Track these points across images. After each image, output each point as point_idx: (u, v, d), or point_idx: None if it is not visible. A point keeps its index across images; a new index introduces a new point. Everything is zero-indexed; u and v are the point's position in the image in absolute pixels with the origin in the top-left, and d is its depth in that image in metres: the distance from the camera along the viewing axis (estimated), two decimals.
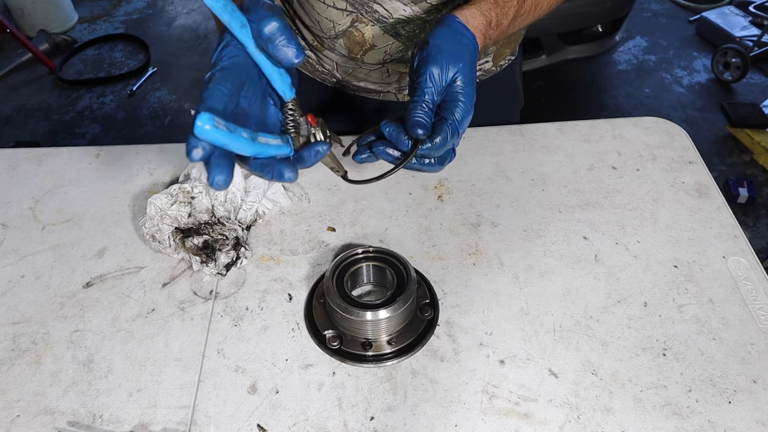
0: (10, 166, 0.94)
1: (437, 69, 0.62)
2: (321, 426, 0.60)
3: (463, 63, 0.63)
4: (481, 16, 0.68)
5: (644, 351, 0.66)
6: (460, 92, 0.63)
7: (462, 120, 0.63)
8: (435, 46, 0.63)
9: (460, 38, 0.65)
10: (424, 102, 0.62)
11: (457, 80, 0.63)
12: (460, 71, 0.63)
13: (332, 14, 0.86)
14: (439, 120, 0.62)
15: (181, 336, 0.69)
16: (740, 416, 0.60)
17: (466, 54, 0.64)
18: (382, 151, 0.66)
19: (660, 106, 2.82)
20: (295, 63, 0.51)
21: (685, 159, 0.90)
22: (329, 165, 0.64)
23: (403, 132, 0.63)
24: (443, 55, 0.63)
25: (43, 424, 0.61)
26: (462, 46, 0.65)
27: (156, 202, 0.75)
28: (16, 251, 0.80)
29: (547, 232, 0.79)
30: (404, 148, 0.64)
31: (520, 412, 0.61)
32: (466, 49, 0.65)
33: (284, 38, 0.50)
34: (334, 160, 0.63)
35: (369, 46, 0.88)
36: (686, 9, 3.49)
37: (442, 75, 0.62)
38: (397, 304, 0.65)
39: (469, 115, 0.63)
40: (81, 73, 3.24)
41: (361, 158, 0.68)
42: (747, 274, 0.73)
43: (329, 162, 0.63)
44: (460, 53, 0.64)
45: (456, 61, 0.63)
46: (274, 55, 0.51)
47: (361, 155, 0.68)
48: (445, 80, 0.63)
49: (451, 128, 0.62)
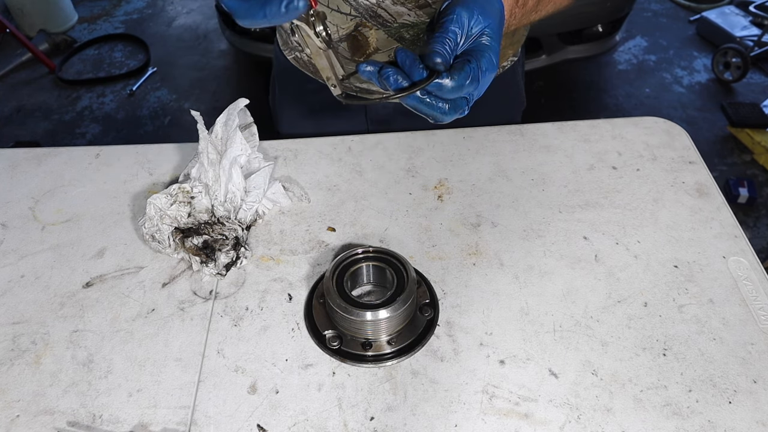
0: (10, 166, 0.94)
1: (466, 13, 0.58)
2: (321, 426, 0.60)
3: (492, 20, 0.59)
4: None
5: (644, 351, 0.66)
6: (487, 45, 0.58)
7: (486, 71, 0.58)
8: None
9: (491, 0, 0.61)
10: (447, 38, 0.56)
11: (485, 34, 0.59)
12: (489, 26, 0.59)
13: (336, 18, 0.86)
14: (462, 60, 0.57)
15: (181, 336, 0.69)
16: (740, 416, 0.60)
17: (496, 14, 0.61)
18: (392, 77, 0.57)
19: (660, 106, 2.82)
20: None
21: (686, 159, 0.90)
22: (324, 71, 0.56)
23: (419, 61, 0.56)
24: (474, 4, 0.59)
25: (42, 424, 0.61)
26: (492, 6, 0.61)
27: (155, 202, 0.75)
28: (16, 251, 0.80)
29: (547, 232, 0.79)
30: (416, 79, 0.57)
31: (520, 412, 0.61)
32: (496, 11, 0.61)
33: None
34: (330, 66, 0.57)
35: (373, 50, 0.88)
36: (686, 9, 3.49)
37: (469, 22, 0.58)
38: (397, 304, 0.65)
39: (493, 71, 0.59)
40: (81, 73, 3.24)
41: (367, 69, 0.59)
42: (747, 274, 0.73)
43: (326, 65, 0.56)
44: (491, 11, 0.60)
45: (486, 16, 0.59)
46: None
47: (367, 66, 0.58)
48: (471, 28, 0.58)
49: (473, 72, 0.56)
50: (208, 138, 0.78)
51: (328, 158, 0.92)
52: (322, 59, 0.57)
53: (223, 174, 0.79)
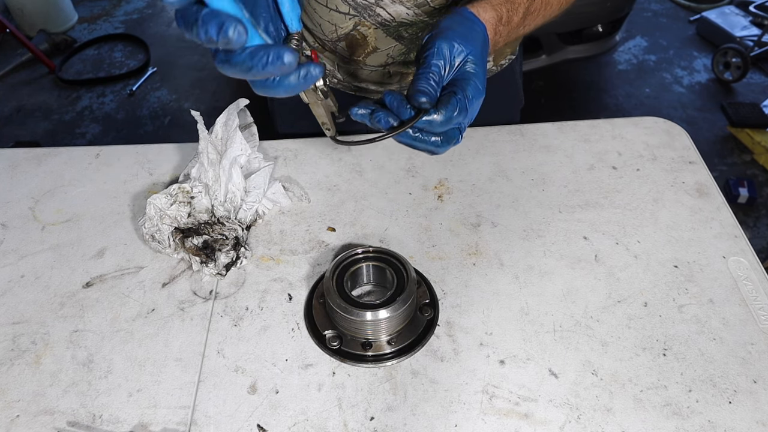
0: (10, 166, 0.94)
1: (446, 45, 0.59)
2: (321, 426, 0.60)
3: (474, 46, 0.61)
4: (492, 10, 0.66)
5: (644, 351, 0.66)
6: (471, 72, 0.60)
7: (472, 99, 0.59)
8: (446, 26, 0.61)
9: (472, 25, 0.63)
10: (430, 73, 0.58)
11: (468, 62, 0.60)
12: (472, 53, 0.60)
13: (335, 18, 0.86)
14: (448, 93, 0.59)
15: (181, 336, 0.69)
16: (740, 416, 0.60)
17: (478, 39, 0.62)
18: (382, 119, 0.60)
19: (660, 106, 2.82)
20: None
21: (686, 159, 0.90)
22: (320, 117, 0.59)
23: (405, 101, 0.59)
24: (454, 34, 0.60)
25: (42, 424, 0.61)
26: (473, 31, 0.62)
27: (155, 202, 0.75)
28: (16, 251, 0.80)
29: (547, 232, 0.79)
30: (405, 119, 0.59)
31: (520, 412, 0.61)
32: (478, 35, 0.62)
33: None
34: (327, 112, 0.59)
35: (371, 49, 0.88)
36: (686, 9, 3.49)
37: (451, 52, 0.59)
38: (397, 304, 0.65)
39: (480, 97, 0.60)
40: (81, 73, 3.24)
41: (359, 113, 0.61)
42: (747, 274, 0.73)
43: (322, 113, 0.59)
44: (472, 37, 0.61)
45: (467, 43, 0.60)
46: None
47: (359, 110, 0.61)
48: (453, 58, 0.59)
49: (459, 104, 0.58)
50: (208, 138, 0.78)
51: (328, 158, 0.92)
52: (319, 108, 0.59)
53: (223, 174, 0.79)
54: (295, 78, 0.47)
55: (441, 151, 0.62)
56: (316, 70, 0.48)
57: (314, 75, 0.48)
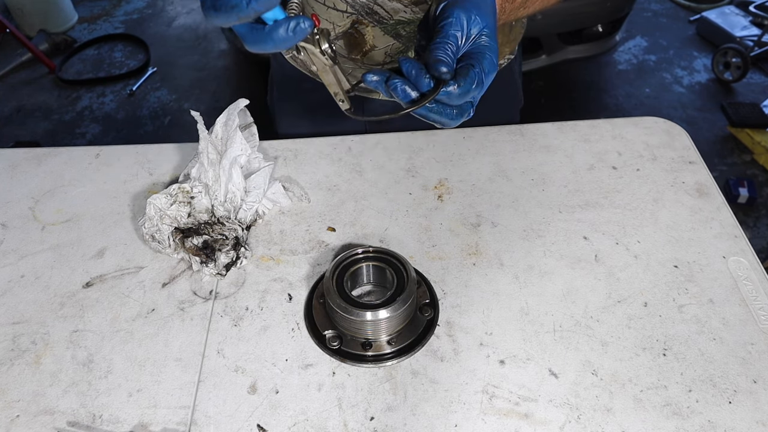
0: (10, 166, 0.94)
1: (465, 15, 0.57)
2: (321, 426, 0.60)
3: (488, 19, 0.59)
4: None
5: (644, 351, 0.66)
6: (486, 45, 0.58)
7: (488, 72, 0.58)
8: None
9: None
10: (447, 43, 0.56)
11: (483, 34, 0.59)
12: (487, 26, 0.59)
13: (332, 16, 0.86)
14: (465, 66, 0.57)
15: (181, 336, 0.69)
16: (740, 416, 0.60)
17: (491, 14, 0.61)
18: (399, 88, 0.57)
19: (660, 106, 2.82)
20: None
21: (686, 159, 0.90)
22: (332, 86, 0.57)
23: (424, 70, 0.56)
24: (471, 5, 0.58)
25: (42, 424, 0.61)
26: (486, 4, 0.61)
27: (155, 202, 0.75)
28: (16, 251, 0.80)
29: (547, 232, 0.79)
30: (424, 89, 0.57)
31: (520, 412, 0.61)
32: (490, 8, 0.61)
33: None
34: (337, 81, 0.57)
35: (369, 47, 0.88)
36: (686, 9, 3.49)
37: (468, 24, 0.58)
38: (397, 304, 0.65)
39: (494, 70, 0.59)
40: (81, 73, 3.24)
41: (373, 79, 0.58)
42: (747, 274, 0.73)
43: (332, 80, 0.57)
44: (486, 10, 0.60)
45: (483, 16, 0.59)
46: None
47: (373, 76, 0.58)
48: (470, 29, 0.58)
49: (477, 77, 0.56)
50: (208, 138, 0.78)
51: (328, 158, 0.92)
52: (328, 75, 0.57)
53: (223, 174, 0.79)
54: (284, 30, 0.46)
55: (453, 124, 0.60)
56: (306, 23, 0.46)
57: (303, 28, 0.46)
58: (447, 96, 0.57)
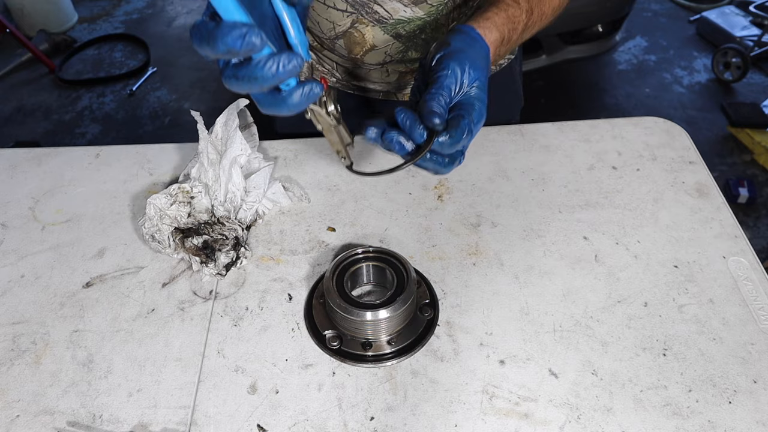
0: (10, 166, 0.94)
1: (459, 68, 0.61)
2: (321, 426, 0.60)
3: (481, 72, 0.63)
4: (497, 31, 0.68)
5: (644, 351, 0.66)
6: (476, 97, 0.62)
7: (477, 123, 0.62)
8: (457, 48, 0.63)
9: (479, 48, 0.65)
10: (441, 94, 0.60)
11: (475, 86, 0.62)
12: (479, 78, 0.62)
13: (332, 15, 0.86)
14: (456, 116, 0.61)
15: (181, 336, 0.69)
16: (740, 416, 0.60)
17: (484, 65, 0.64)
18: (394, 140, 0.61)
19: (660, 106, 2.82)
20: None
21: (686, 159, 0.90)
22: (335, 144, 0.60)
23: (418, 121, 0.60)
24: (466, 57, 0.62)
25: (42, 424, 0.61)
26: (480, 56, 0.64)
27: (155, 202, 0.75)
28: (16, 251, 0.80)
29: (547, 232, 0.79)
30: (418, 140, 0.60)
31: (520, 412, 0.61)
32: (485, 61, 0.65)
33: None
34: (340, 140, 0.60)
35: (369, 47, 0.88)
36: (686, 9, 3.49)
37: (461, 76, 0.61)
38: (397, 304, 0.65)
39: (482, 120, 0.63)
40: (81, 73, 3.24)
41: (371, 137, 0.62)
42: (747, 274, 0.73)
43: (336, 140, 0.59)
44: (479, 62, 0.63)
45: (476, 68, 0.62)
46: None
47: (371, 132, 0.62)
48: (464, 82, 0.61)
49: (467, 127, 0.60)
50: (208, 138, 0.78)
51: (328, 158, 0.92)
52: (332, 135, 0.60)
53: (223, 174, 0.79)
54: (298, 96, 0.50)
55: (446, 171, 0.64)
56: (317, 87, 0.50)
57: (315, 92, 0.50)
58: (440, 146, 0.60)
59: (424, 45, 0.89)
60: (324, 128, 0.59)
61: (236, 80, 0.47)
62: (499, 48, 0.69)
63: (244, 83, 0.47)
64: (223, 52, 0.43)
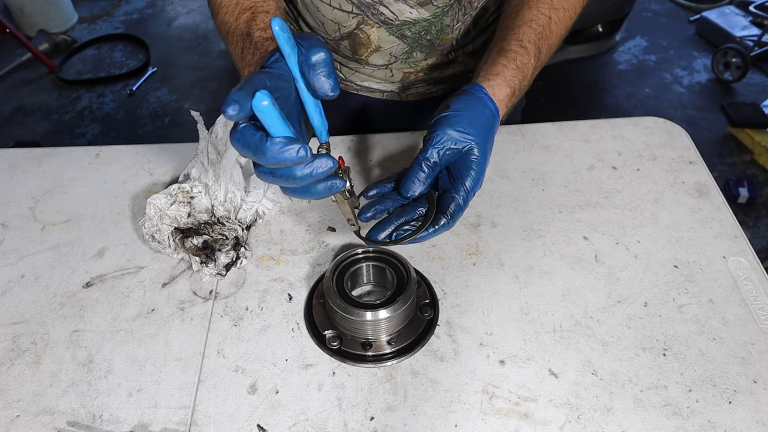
0: (10, 166, 0.94)
1: (452, 131, 0.63)
2: (321, 426, 0.60)
3: (479, 132, 0.64)
4: (507, 87, 0.68)
5: (644, 351, 0.66)
6: (474, 160, 0.64)
7: (471, 189, 0.64)
8: (455, 110, 0.64)
9: (482, 108, 0.65)
10: (424, 161, 0.63)
11: (474, 148, 0.64)
12: (476, 138, 0.63)
13: (338, 16, 0.86)
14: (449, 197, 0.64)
15: (181, 336, 0.69)
16: (740, 416, 0.60)
17: (485, 124, 0.65)
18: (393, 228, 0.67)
19: (660, 106, 2.82)
20: (330, 96, 0.52)
21: (686, 159, 0.90)
22: (346, 214, 0.65)
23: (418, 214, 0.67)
24: (460, 120, 0.63)
25: (42, 424, 0.61)
26: (483, 116, 0.65)
27: (155, 202, 0.75)
28: (16, 251, 0.80)
29: (547, 232, 0.79)
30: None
31: (520, 412, 0.61)
32: (486, 120, 0.65)
33: (326, 70, 0.51)
34: (352, 209, 0.64)
35: (374, 48, 0.88)
36: (686, 9, 3.49)
37: (450, 140, 0.63)
38: (397, 304, 0.65)
39: (478, 184, 0.65)
40: (81, 72, 3.24)
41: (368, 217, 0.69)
42: (747, 274, 0.73)
43: (347, 210, 0.64)
44: (479, 122, 0.64)
45: (473, 128, 0.63)
46: (312, 83, 0.51)
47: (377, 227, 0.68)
48: (455, 143, 0.63)
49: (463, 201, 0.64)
50: (208, 138, 0.78)
51: None
52: (345, 206, 0.63)
53: (223, 174, 0.79)
54: (322, 187, 0.54)
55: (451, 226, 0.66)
56: (339, 183, 0.55)
57: (338, 186, 0.55)
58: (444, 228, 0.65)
59: (429, 46, 0.89)
60: (338, 201, 0.62)
61: (273, 177, 0.51)
62: (511, 100, 0.69)
63: (281, 180, 0.51)
64: (271, 164, 0.47)
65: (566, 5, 0.76)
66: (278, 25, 0.49)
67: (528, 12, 0.73)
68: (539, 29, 0.72)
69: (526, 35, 0.71)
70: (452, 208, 0.64)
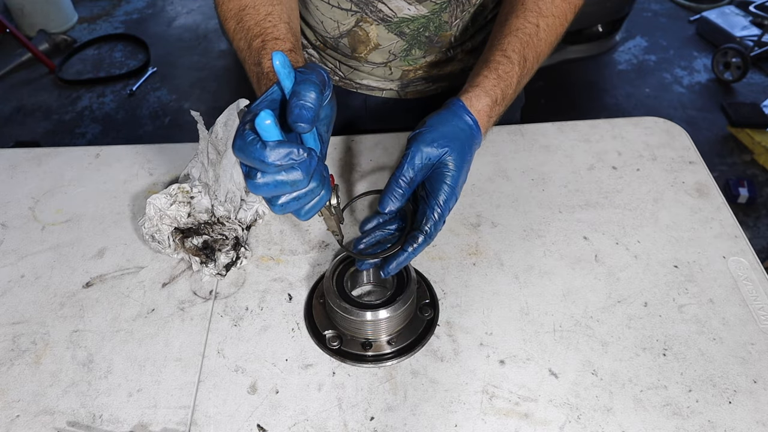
0: (10, 166, 0.94)
1: (426, 147, 0.64)
2: (321, 426, 0.60)
3: (453, 144, 0.65)
4: (486, 96, 0.69)
5: (644, 351, 0.66)
6: (448, 174, 0.65)
7: (445, 203, 0.65)
8: (430, 125, 0.66)
9: (457, 121, 0.67)
10: (401, 177, 0.64)
11: (448, 162, 0.65)
12: (450, 152, 0.65)
13: (337, 14, 0.86)
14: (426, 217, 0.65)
15: (181, 336, 0.69)
16: (740, 416, 0.60)
17: (460, 137, 0.66)
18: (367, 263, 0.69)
19: (660, 106, 2.81)
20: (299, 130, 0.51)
21: (686, 159, 0.90)
22: (332, 227, 0.66)
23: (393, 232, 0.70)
24: (435, 135, 0.65)
25: (42, 424, 0.61)
26: (457, 129, 0.66)
27: (155, 202, 0.75)
28: (16, 251, 0.80)
29: (547, 232, 0.79)
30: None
31: (520, 412, 0.61)
32: (462, 133, 0.66)
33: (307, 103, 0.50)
34: (336, 223, 0.65)
35: (373, 46, 0.88)
36: (686, 9, 3.49)
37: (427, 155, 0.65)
38: (397, 304, 0.65)
39: (453, 198, 0.65)
40: (81, 72, 3.24)
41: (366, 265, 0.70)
42: (747, 274, 0.73)
43: (333, 225, 0.65)
44: (453, 135, 0.65)
45: (447, 141, 0.65)
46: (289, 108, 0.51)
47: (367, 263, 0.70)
48: (429, 158, 0.65)
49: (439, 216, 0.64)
50: (208, 138, 0.78)
51: (327, 158, 0.92)
52: (331, 221, 0.64)
53: (223, 174, 0.79)
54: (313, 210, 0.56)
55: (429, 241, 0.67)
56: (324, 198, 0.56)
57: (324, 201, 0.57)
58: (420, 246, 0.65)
59: (427, 43, 0.89)
60: (324, 216, 0.63)
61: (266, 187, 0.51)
62: (494, 109, 0.70)
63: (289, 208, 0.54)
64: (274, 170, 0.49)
65: (556, 12, 0.76)
66: (279, 59, 0.50)
67: (515, 21, 0.74)
68: (525, 38, 0.73)
69: (510, 45, 0.72)
70: (428, 226, 0.65)
